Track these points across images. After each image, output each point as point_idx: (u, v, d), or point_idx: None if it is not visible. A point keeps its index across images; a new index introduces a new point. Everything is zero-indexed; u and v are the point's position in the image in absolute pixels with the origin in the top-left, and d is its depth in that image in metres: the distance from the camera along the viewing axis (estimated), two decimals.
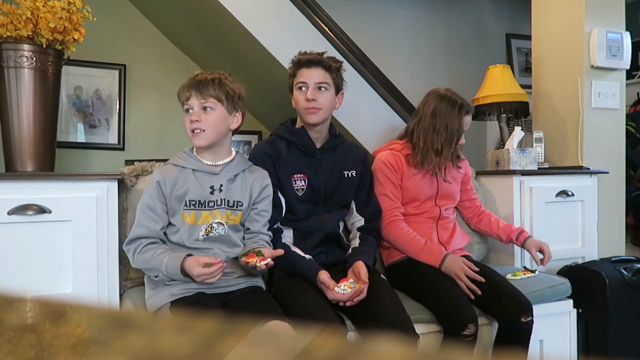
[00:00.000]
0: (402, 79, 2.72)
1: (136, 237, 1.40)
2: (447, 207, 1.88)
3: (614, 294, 1.92)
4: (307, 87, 1.61)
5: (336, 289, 1.44)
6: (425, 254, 1.70)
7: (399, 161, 1.82)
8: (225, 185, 1.46)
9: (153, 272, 1.39)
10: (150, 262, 1.36)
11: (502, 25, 3.96)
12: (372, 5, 3.51)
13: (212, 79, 1.41)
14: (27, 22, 1.57)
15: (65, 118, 2.75)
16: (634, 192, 3.12)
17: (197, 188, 1.43)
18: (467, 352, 0.24)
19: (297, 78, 1.63)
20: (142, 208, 1.42)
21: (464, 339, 1.48)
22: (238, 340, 0.27)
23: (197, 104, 1.40)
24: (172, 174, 1.44)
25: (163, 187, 1.42)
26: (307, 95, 1.60)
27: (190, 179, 1.44)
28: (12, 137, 1.60)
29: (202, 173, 1.46)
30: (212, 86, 1.40)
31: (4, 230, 1.42)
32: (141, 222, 1.41)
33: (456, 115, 1.78)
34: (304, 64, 1.62)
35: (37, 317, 0.35)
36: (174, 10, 2.72)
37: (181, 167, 1.46)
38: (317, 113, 1.61)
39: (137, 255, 1.38)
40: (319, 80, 1.61)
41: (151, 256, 1.37)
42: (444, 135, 1.78)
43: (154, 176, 1.45)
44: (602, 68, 2.36)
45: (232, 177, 1.48)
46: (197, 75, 1.43)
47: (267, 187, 1.55)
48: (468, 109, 1.82)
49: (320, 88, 1.61)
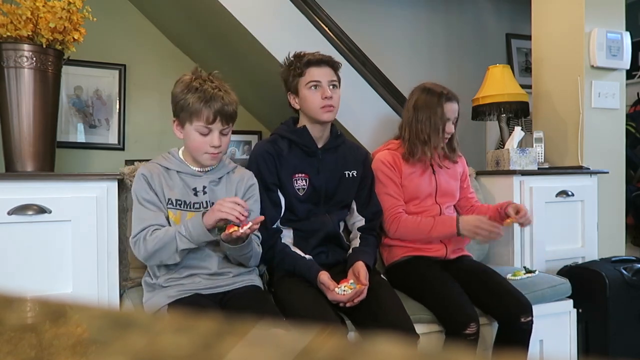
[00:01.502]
0: (402, 79, 2.71)
1: (145, 227, 1.37)
2: (447, 204, 1.88)
3: (614, 294, 1.92)
4: (321, 85, 1.61)
5: (336, 289, 1.44)
6: (440, 228, 1.72)
7: (397, 160, 1.84)
8: (208, 187, 1.46)
9: (166, 250, 1.34)
10: (163, 238, 1.34)
11: (502, 25, 3.96)
12: (372, 5, 3.51)
13: (233, 110, 1.41)
14: (27, 22, 1.57)
15: (65, 118, 2.75)
16: (634, 192, 3.12)
17: (180, 189, 1.43)
18: (467, 352, 0.24)
19: (307, 77, 1.62)
20: (139, 203, 1.40)
21: (466, 338, 1.48)
22: (238, 340, 0.27)
23: (218, 129, 1.40)
24: (157, 171, 1.44)
25: (151, 180, 1.41)
26: (325, 93, 1.60)
27: (175, 179, 1.44)
28: (12, 137, 1.60)
29: (186, 175, 1.46)
30: (234, 113, 1.42)
31: (4, 230, 1.42)
32: (142, 216, 1.39)
33: (436, 103, 1.81)
34: (314, 63, 1.62)
35: (37, 317, 0.35)
36: (174, 10, 2.72)
37: (165, 167, 1.46)
38: (332, 111, 1.64)
39: (149, 237, 1.35)
40: (331, 79, 1.63)
41: (165, 231, 1.35)
42: (427, 125, 1.81)
43: (139, 171, 1.44)
44: (602, 68, 2.36)
45: (216, 179, 1.48)
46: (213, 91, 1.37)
47: (252, 187, 1.54)
48: (449, 97, 1.83)
49: (332, 86, 1.63)
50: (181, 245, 1.33)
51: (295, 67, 1.63)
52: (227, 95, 1.39)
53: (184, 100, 1.38)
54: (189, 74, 1.42)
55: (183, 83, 1.40)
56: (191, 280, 1.41)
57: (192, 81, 1.39)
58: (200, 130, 1.38)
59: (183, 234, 1.32)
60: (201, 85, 1.38)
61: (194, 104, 1.36)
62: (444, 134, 1.83)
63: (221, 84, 1.41)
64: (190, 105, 1.37)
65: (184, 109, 1.38)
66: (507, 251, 2.14)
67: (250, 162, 1.64)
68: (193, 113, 1.37)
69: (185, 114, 1.39)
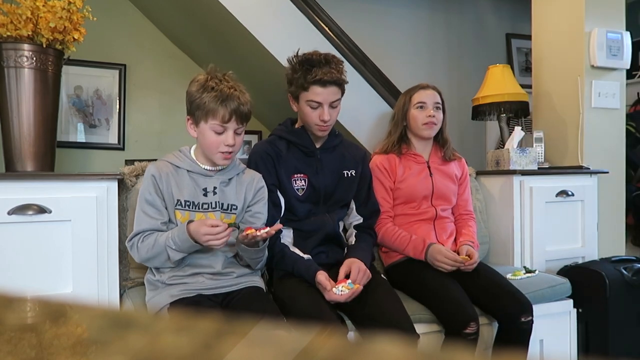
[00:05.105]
0: (402, 79, 2.71)
1: (138, 232, 1.40)
2: (443, 207, 1.87)
3: (614, 294, 1.92)
4: (322, 107, 1.58)
5: (334, 289, 1.43)
6: (411, 250, 1.74)
7: (392, 162, 1.86)
8: (219, 188, 1.46)
9: (159, 258, 1.37)
10: (155, 245, 1.36)
11: (502, 25, 3.96)
12: (372, 5, 3.51)
13: (248, 110, 1.42)
14: (27, 22, 1.57)
15: (65, 118, 2.75)
16: (634, 192, 3.12)
17: (190, 189, 1.44)
18: (467, 352, 0.24)
19: (309, 94, 1.57)
20: (142, 204, 1.42)
21: (466, 337, 1.48)
22: (238, 340, 0.27)
23: (233, 128, 1.40)
24: (166, 170, 1.44)
25: (159, 181, 1.42)
26: (322, 116, 1.57)
27: (185, 178, 1.44)
28: (12, 137, 1.60)
29: (196, 174, 1.46)
30: (249, 113, 1.43)
31: (4, 230, 1.42)
32: (142, 218, 1.41)
33: (403, 98, 1.92)
34: (320, 83, 1.55)
35: (37, 317, 0.35)
36: (174, 11, 2.72)
37: (176, 166, 1.46)
38: (326, 130, 1.64)
39: (140, 245, 1.38)
40: (333, 99, 1.59)
41: (154, 239, 1.37)
42: (395, 118, 1.93)
43: (149, 170, 1.44)
44: (602, 68, 2.36)
45: (227, 180, 1.49)
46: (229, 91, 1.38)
47: (262, 189, 1.55)
48: (420, 87, 1.89)
49: (333, 106, 1.61)
50: (174, 257, 1.36)
51: (300, 78, 1.58)
52: (242, 95, 1.41)
53: (200, 99, 1.38)
54: (204, 74, 1.43)
55: (198, 82, 1.41)
56: (195, 279, 1.42)
57: (208, 80, 1.40)
58: (215, 128, 1.39)
59: (172, 247, 1.34)
60: (217, 84, 1.39)
61: (210, 103, 1.37)
62: (405, 123, 1.90)
63: (236, 84, 1.43)
64: (207, 104, 1.38)
65: (199, 108, 1.39)
66: (507, 251, 2.14)
67: (249, 163, 1.64)
68: (209, 112, 1.38)
69: (201, 112, 1.39)
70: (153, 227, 1.39)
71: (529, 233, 2.10)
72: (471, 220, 1.92)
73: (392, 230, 1.78)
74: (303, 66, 1.58)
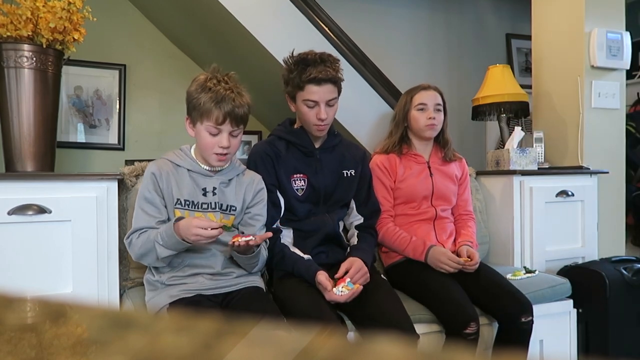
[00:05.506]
0: (402, 79, 2.71)
1: (136, 230, 1.40)
2: (443, 207, 1.87)
3: (614, 294, 1.92)
4: (318, 105, 1.58)
5: (334, 290, 1.43)
6: (411, 251, 1.74)
7: (393, 161, 1.85)
8: (218, 188, 1.46)
9: (150, 255, 1.36)
10: (147, 241, 1.35)
11: (502, 25, 3.96)
12: (372, 4, 3.51)
13: (244, 113, 1.40)
14: (27, 22, 1.57)
15: (65, 118, 2.75)
16: (634, 192, 3.12)
17: (190, 188, 1.43)
18: (467, 352, 0.24)
19: (305, 94, 1.57)
20: (141, 201, 1.42)
21: (466, 338, 1.48)
22: (238, 340, 0.27)
23: (227, 130, 1.39)
24: (167, 169, 1.44)
25: (159, 179, 1.42)
26: (320, 114, 1.57)
27: (185, 178, 1.44)
28: (12, 137, 1.60)
29: (197, 174, 1.46)
30: (245, 116, 1.41)
31: (4, 230, 1.42)
32: (140, 216, 1.41)
33: (404, 99, 1.91)
34: (315, 81, 1.55)
35: (37, 317, 0.35)
36: (174, 11, 2.72)
37: (176, 164, 1.46)
38: (324, 129, 1.63)
39: (135, 241, 1.38)
40: (330, 98, 1.59)
41: (147, 236, 1.36)
42: (395, 119, 1.92)
43: (149, 168, 1.44)
44: (602, 68, 2.36)
45: (226, 181, 1.48)
46: (225, 92, 1.37)
47: (261, 191, 1.55)
48: (422, 87, 1.89)
49: (330, 105, 1.60)
50: (161, 253, 1.34)
51: (296, 77, 1.58)
52: (239, 97, 1.39)
53: (197, 100, 1.38)
54: (205, 74, 1.42)
55: (198, 82, 1.40)
56: (194, 279, 1.41)
57: (206, 81, 1.39)
58: (210, 130, 1.39)
59: (160, 242, 1.33)
60: (215, 85, 1.38)
61: (205, 104, 1.37)
62: (405, 123, 1.89)
63: (235, 85, 1.41)
64: (202, 105, 1.37)
65: (195, 108, 1.39)
66: (507, 251, 2.14)
67: (249, 164, 1.64)
68: (204, 113, 1.37)
69: (197, 113, 1.39)
70: (150, 225, 1.39)
71: (529, 233, 2.10)
72: (471, 221, 1.92)
73: (393, 231, 1.78)
74: (298, 66, 1.58)
